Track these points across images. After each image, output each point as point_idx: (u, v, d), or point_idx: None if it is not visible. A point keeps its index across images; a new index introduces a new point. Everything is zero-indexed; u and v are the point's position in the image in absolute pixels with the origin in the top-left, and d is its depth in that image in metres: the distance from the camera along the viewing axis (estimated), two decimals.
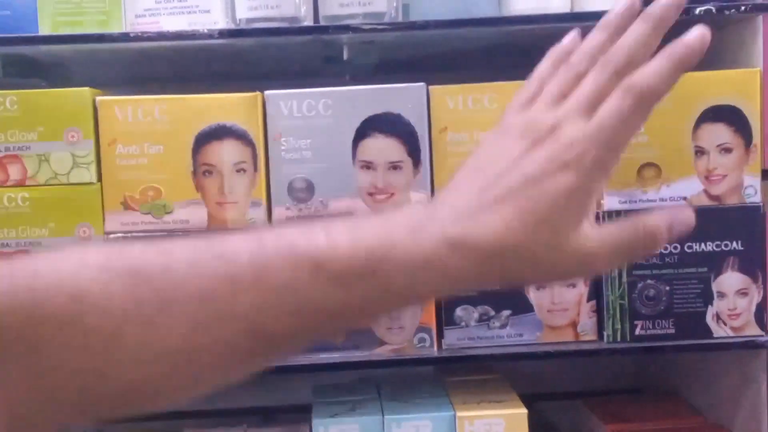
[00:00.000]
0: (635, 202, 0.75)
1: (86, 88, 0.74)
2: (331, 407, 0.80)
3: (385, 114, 0.74)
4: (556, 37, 0.82)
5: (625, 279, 0.75)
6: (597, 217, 0.71)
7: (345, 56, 0.79)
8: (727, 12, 0.74)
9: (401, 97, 0.74)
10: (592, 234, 0.42)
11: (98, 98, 0.74)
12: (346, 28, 0.74)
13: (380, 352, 0.75)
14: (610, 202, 0.75)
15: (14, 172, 0.74)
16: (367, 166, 0.74)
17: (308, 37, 0.74)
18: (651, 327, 0.75)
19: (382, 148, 0.74)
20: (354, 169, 0.74)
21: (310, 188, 0.74)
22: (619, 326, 0.76)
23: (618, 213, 0.75)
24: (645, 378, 1.04)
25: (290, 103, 0.74)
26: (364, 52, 0.78)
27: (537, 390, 0.83)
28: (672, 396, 0.96)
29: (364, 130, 0.74)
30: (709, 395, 0.88)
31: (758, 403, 0.78)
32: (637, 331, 0.76)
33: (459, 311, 0.76)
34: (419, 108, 0.74)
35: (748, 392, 0.79)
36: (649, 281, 0.75)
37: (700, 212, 0.72)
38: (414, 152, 0.74)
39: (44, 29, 0.75)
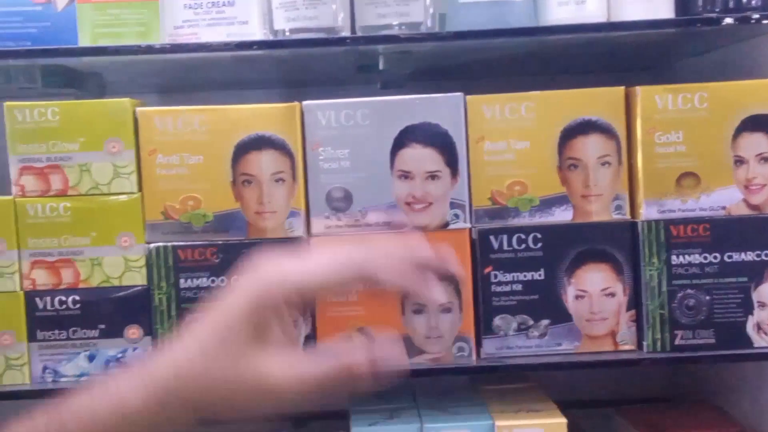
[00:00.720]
0: (674, 211, 0.75)
1: (126, 99, 0.75)
2: (369, 415, 0.80)
3: (422, 124, 0.74)
4: (595, 46, 0.83)
5: (665, 288, 0.75)
6: (635, 226, 0.72)
7: (381, 66, 0.79)
8: (764, 21, 0.73)
9: (439, 106, 0.74)
10: (278, 368, 0.45)
11: (138, 109, 0.75)
12: (383, 39, 0.75)
13: (419, 361, 0.75)
14: (649, 212, 0.75)
15: (56, 182, 0.74)
16: (405, 175, 0.74)
17: (345, 47, 0.74)
18: (691, 337, 0.75)
19: (420, 157, 0.74)
20: (392, 178, 0.74)
21: (348, 198, 0.74)
22: (659, 336, 0.75)
23: (657, 222, 0.74)
24: (680, 386, 1.03)
25: (328, 113, 0.74)
26: (399, 62, 0.78)
27: (569, 397, 0.83)
28: (708, 405, 0.95)
29: (401, 140, 0.74)
30: (747, 405, 0.87)
31: None
32: (677, 341, 0.75)
33: (497, 320, 0.76)
34: (457, 117, 0.74)
35: None
36: (689, 291, 0.75)
37: (740, 222, 0.74)
38: (451, 162, 0.74)
39: (84, 40, 0.75)
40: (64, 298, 0.75)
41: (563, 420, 0.75)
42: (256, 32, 0.75)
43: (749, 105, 0.74)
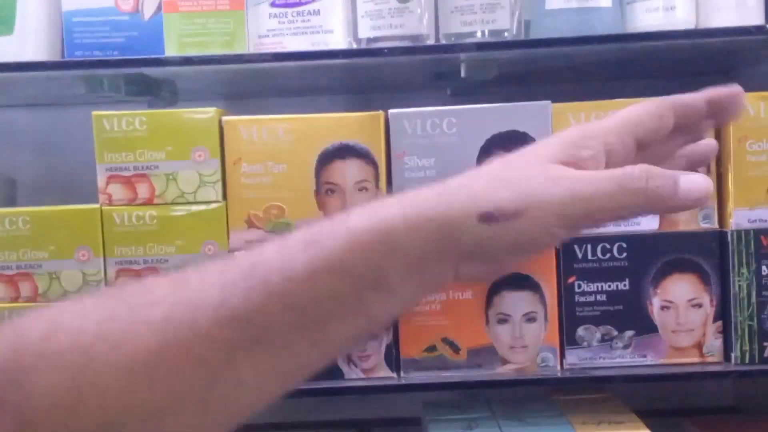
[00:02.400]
0: (765, 221, 0.73)
1: (212, 108, 0.75)
2: (446, 425, 0.79)
3: (510, 132, 0.73)
4: (681, 52, 0.82)
5: (754, 300, 0.73)
6: (723, 235, 0.70)
7: (462, 73, 0.78)
8: None
9: (526, 115, 0.73)
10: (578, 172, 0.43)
11: (224, 118, 0.75)
12: (467, 47, 0.74)
13: (504, 371, 0.75)
14: (739, 221, 0.73)
15: (142, 190, 0.75)
16: None
17: (429, 55, 0.74)
18: None
19: None
20: None
21: None
22: (747, 347, 0.74)
23: (747, 232, 0.73)
24: (753, 398, 1.01)
25: (414, 122, 0.74)
26: (482, 69, 0.77)
27: (643, 407, 0.82)
28: None
29: (489, 149, 0.73)
30: None
31: None
32: (767, 353, 0.74)
33: (581, 331, 0.75)
34: (544, 126, 0.74)
35: None
36: None
37: None
38: None
39: (170, 49, 0.76)
40: None
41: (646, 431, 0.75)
42: (341, 41, 0.75)
43: None
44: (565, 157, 0.44)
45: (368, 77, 0.92)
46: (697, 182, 0.44)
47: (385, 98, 0.78)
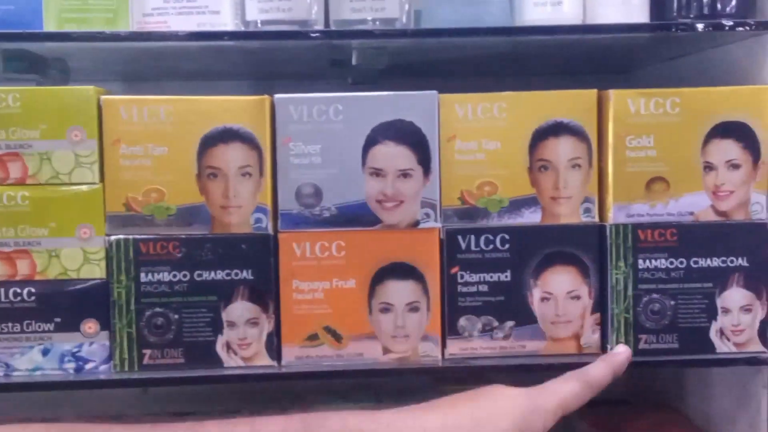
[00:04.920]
0: (642, 215, 0.75)
1: (91, 87, 0.73)
2: None
3: (396, 121, 0.73)
4: (567, 48, 0.83)
5: (630, 292, 0.75)
6: (603, 229, 0.72)
7: (354, 61, 0.78)
8: (738, 29, 0.74)
9: (413, 104, 0.73)
10: None
11: (103, 97, 0.73)
12: (358, 33, 0.73)
13: (385, 360, 0.75)
14: (618, 215, 0.75)
15: (14, 170, 0.72)
16: (377, 173, 0.73)
17: (318, 41, 0.73)
18: (655, 341, 0.75)
19: (393, 155, 0.73)
20: (363, 175, 0.73)
21: (318, 194, 0.73)
22: (623, 340, 0.75)
23: (625, 226, 0.75)
24: (640, 390, 1.04)
25: (300, 108, 0.73)
26: (373, 58, 0.77)
27: None
28: (668, 409, 0.96)
29: (374, 137, 0.73)
30: (707, 410, 0.88)
31: (757, 420, 0.78)
32: (641, 345, 0.75)
33: (462, 321, 0.76)
34: (430, 116, 0.74)
35: (747, 408, 0.80)
36: (654, 295, 0.75)
37: (707, 228, 0.74)
38: (424, 160, 0.74)
39: (49, 25, 0.73)
40: (19, 290, 0.73)
41: None
42: (228, 23, 0.74)
43: (720, 112, 0.74)
44: None
45: (263, 62, 0.91)
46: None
47: (287, 86, 0.77)
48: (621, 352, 0.72)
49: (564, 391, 0.64)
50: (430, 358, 0.75)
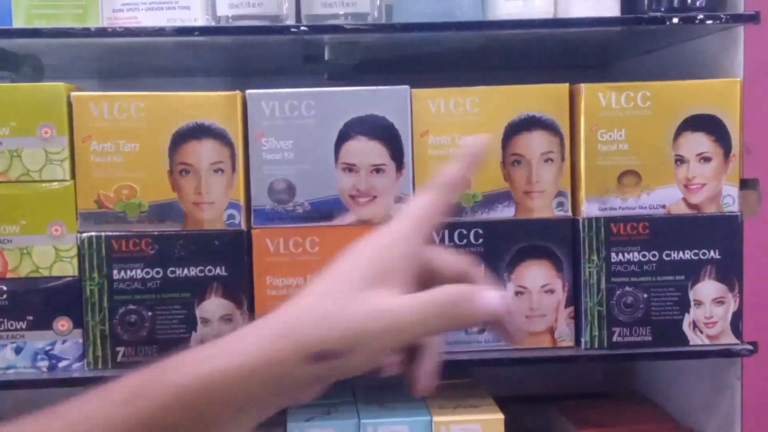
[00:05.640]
0: (615, 209, 0.75)
1: (61, 83, 0.72)
2: (306, 410, 0.79)
3: (368, 116, 0.73)
4: (539, 42, 0.83)
5: (604, 286, 0.75)
6: (576, 223, 0.72)
7: (326, 56, 0.77)
8: (708, 22, 0.74)
9: (385, 99, 0.73)
10: (399, 299, 0.46)
11: (73, 93, 0.72)
12: (329, 28, 0.73)
13: None
14: (590, 209, 0.75)
15: None
16: (350, 168, 0.73)
17: (290, 36, 0.73)
18: (628, 334, 0.76)
19: (365, 150, 0.73)
20: (336, 171, 0.73)
21: (291, 189, 0.73)
22: (596, 333, 0.76)
23: (597, 220, 0.75)
24: (616, 382, 1.04)
25: (272, 103, 0.73)
26: (345, 53, 0.77)
27: (509, 393, 0.83)
28: (644, 401, 0.97)
29: (347, 132, 0.73)
30: (683, 402, 0.89)
31: (731, 411, 0.78)
32: (615, 338, 0.76)
33: None
34: (402, 111, 0.74)
35: (721, 400, 0.80)
36: (627, 288, 0.75)
37: (679, 221, 0.75)
38: (397, 155, 0.74)
39: (18, 21, 0.72)
40: None
41: (500, 416, 0.76)
42: (199, 18, 0.74)
43: (691, 105, 0.75)
44: (377, 281, 0.47)
45: (238, 58, 0.91)
46: (495, 304, 0.47)
47: (262, 82, 0.77)
48: (471, 141, 0.55)
49: (414, 208, 0.51)
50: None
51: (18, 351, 0.73)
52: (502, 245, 0.75)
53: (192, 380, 0.43)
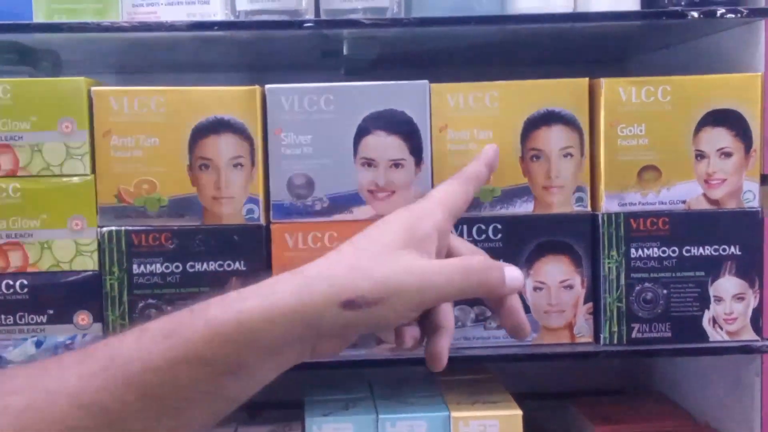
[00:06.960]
0: (634, 204, 0.75)
1: (81, 78, 0.72)
2: (324, 405, 0.79)
3: (387, 111, 0.73)
4: (558, 37, 0.82)
5: (623, 281, 0.75)
6: (595, 218, 0.72)
7: (345, 51, 0.77)
8: (729, 16, 0.73)
9: (404, 94, 0.73)
10: (427, 261, 0.51)
11: (93, 88, 0.73)
12: (348, 23, 0.73)
13: (378, 351, 0.75)
14: (610, 205, 0.75)
15: (5, 161, 0.72)
16: (369, 163, 0.73)
17: (308, 31, 0.73)
18: (648, 330, 0.75)
19: (384, 145, 0.73)
20: (355, 165, 0.73)
21: (310, 184, 0.73)
22: (615, 329, 0.75)
23: (617, 215, 0.74)
24: (634, 378, 1.04)
25: (291, 98, 0.73)
26: (364, 47, 0.77)
27: (525, 389, 0.83)
28: (662, 398, 0.96)
29: (366, 127, 0.73)
30: (701, 399, 0.89)
31: (750, 408, 0.78)
32: (634, 334, 0.75)
33: (456, 311, 0.75)
34: (422, 106, 0.73)
35: (740, 396, 0.80)
36: (646, 284, 0.75)
37: (699, 216, 0.74)
38: (416, 150, 0.73)
39: (39, 17, 0.73)
40: (11, 282, 0.73)
41: (519, 412, 0.75)
42: (218, 12, 0.74)
43: (711, 100, 0.74)
44: (410, 245, 0.51)
45: (256, 53, 0.91)
46: (517, 277, 0.56)
47: (280, 77, 0.77)
48: (489, 147, 0.70)
49: (440, 192, 0.61)
50: (423, 348, 0.75)
51: (38, 345, 0.73)
52: (520, 240, 0.75)
53: (232, 316, 0.44)
